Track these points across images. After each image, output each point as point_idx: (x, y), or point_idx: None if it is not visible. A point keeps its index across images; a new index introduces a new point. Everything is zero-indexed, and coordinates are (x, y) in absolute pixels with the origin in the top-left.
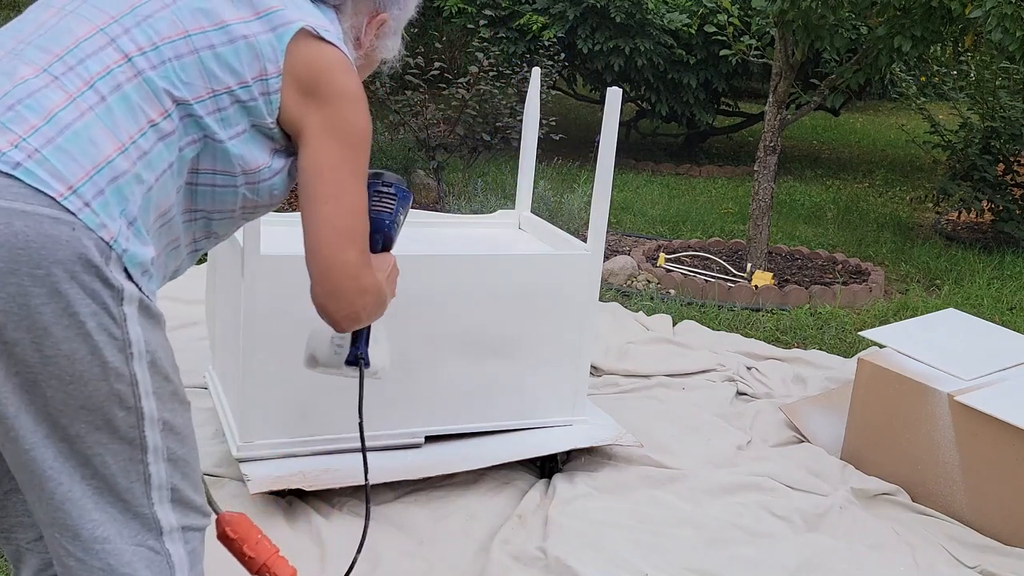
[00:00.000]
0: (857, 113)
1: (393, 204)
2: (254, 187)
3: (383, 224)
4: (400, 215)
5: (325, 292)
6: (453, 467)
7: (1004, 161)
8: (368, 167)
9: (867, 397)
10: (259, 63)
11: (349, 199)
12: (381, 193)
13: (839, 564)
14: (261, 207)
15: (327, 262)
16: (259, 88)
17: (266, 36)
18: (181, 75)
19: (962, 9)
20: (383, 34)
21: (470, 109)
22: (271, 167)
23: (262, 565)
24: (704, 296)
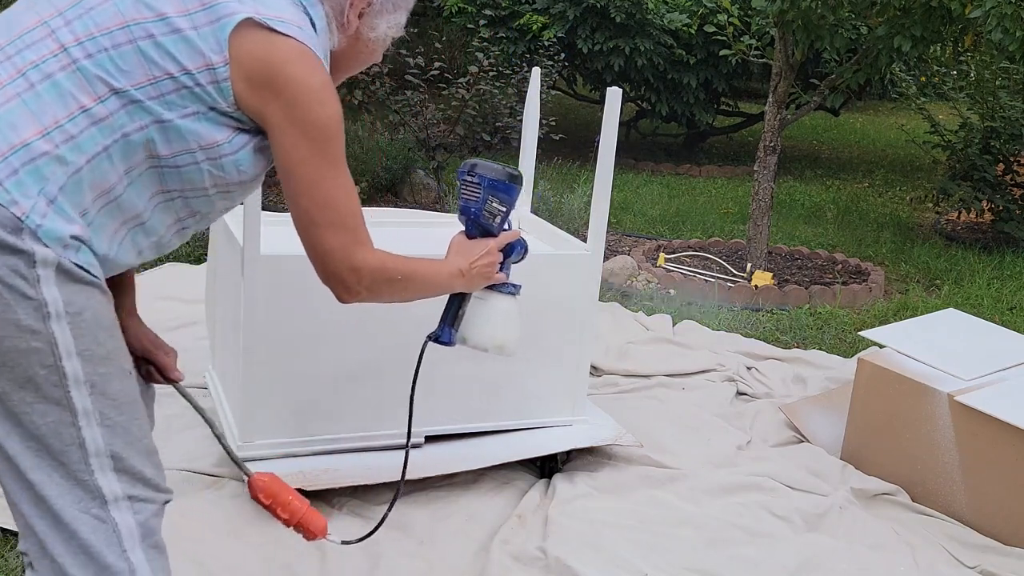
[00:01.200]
0: (857, 113)
1: (478, 193)
2: (216, 162)
3: (469, 211)
4: (492, 203)
5: (321, 275)
6: (453, 467)
7: (1004, 161)
8: (343, 151)
9: (867, 397)
10: (201, 55)
11: (322, 191)
12: (467, 182)
13: (839, 564)
14: (234, 184)
15: (313, 252)
16: (206, 77)
17: (208, 28)
18: (119, 63)
19: (962, 9)
20: (370, 13)
21: (470, 109)
22: (231, 142)
23: (296, 523)
24: (704, 296)
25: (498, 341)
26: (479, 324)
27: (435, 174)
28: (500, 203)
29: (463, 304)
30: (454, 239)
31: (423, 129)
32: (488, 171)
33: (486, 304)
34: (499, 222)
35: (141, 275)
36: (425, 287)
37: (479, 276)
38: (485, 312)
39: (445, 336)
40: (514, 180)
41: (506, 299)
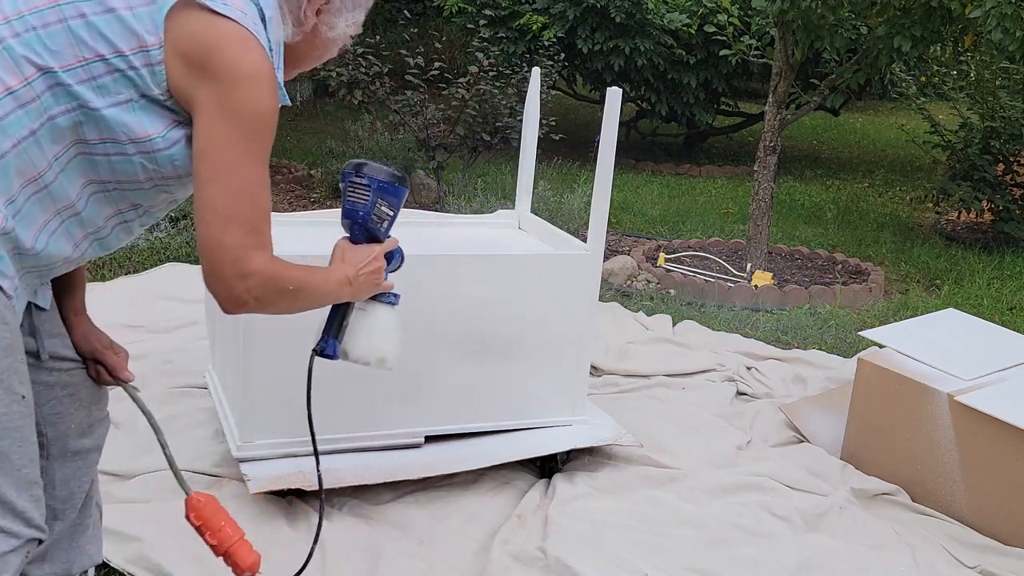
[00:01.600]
0: (857, 113)
1: (367, 196)
2: (150, 156)
3: (357, 215)
4: (380, 206)
5: (206, 273)
6: (453, 467)
7: (1004, 161)
8: (269, 148)
9: (867, 397)
10: (135, 35)
11: (237, 180)
12: (355, 184)
13: (839, 564)
14: (171, 179)
15: (206, 243)
16: (139, 59)
17: (145, 8)
18: (47, 43)
19: (962, 9)
20: (328, 10)
21: (470, 109)
22: (165, 137)
23: (224, 552)
24: (704, 296)
25: (380, 354)
26: (361, 336)
27: (435, 174)
28: (389, 207)
29: (347, 315)
30: (338, 244)
31: (423, 129)
32: (378, 172)
33: (368, 315)
34: (386, 227)
35: (141, 275)
36: (315, 297)
37: (367, 284)
38: (367, 323)
39: (330, 349)
40: (403, 183)
41: (388, 309)
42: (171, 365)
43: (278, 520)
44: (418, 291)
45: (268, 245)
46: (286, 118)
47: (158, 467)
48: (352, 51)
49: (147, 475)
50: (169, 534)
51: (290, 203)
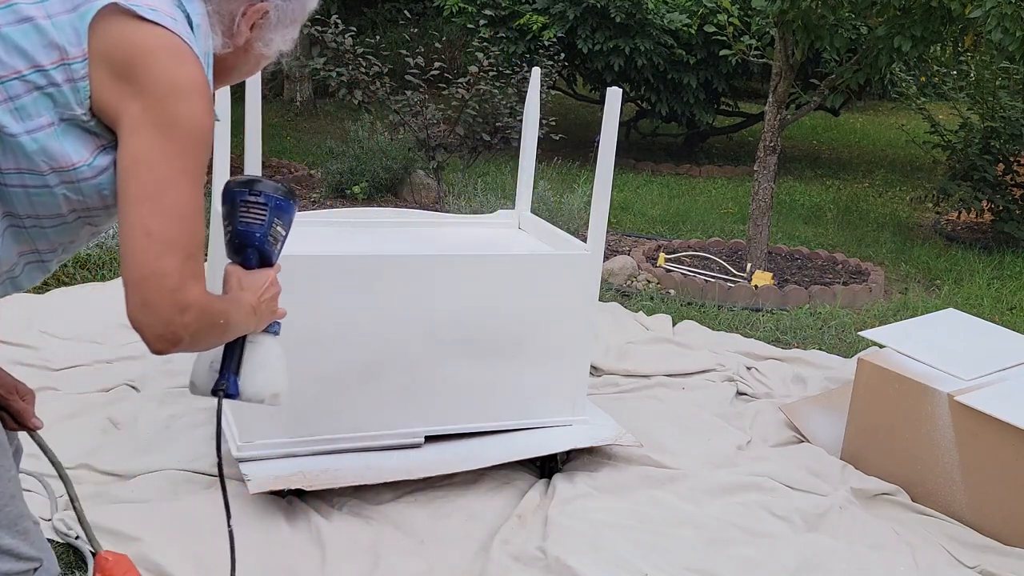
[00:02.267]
0: (857, 113)
1: (264, 215)
2: (74, 186)
3: (253, 237)
4: (276, 226)
5: (136, 305)
6: (453, 467)
7: (1004, 161)
8: (204, 166)
9: (867, 397)
10: (55, 47)
11: (172, 200)
12: (248, 203)
13: (839, 564)
14: (96, 209)
15: (139, 271)
16: (60, 74)
17: (66, 16)
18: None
19: (962, 9)
20: (264, 26)
21: (470, 109)
22: (91, 165)
23: None
24: (704, 296)
25: (275, 388)
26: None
27: (435, 174)
28: (283, 227)
29: (244, 348)
30: (229, 271)
31: (423, 129)
32: (273, 189)
33: (259, 347)
34: (279, 249)
35: None
36: (235, 330)
37: (267, 312)
38: (260, 357)
39: (233, 387)
40: (294, 198)
41: (273, 339)
42: (171, 365)
43: (278, 520)
44: (418, 291)
45: (202, 275)
46: (286, 118)
47: (158, 467)
48: (352, 51)
49: (147, 475)
50: (169, 534)
51: None
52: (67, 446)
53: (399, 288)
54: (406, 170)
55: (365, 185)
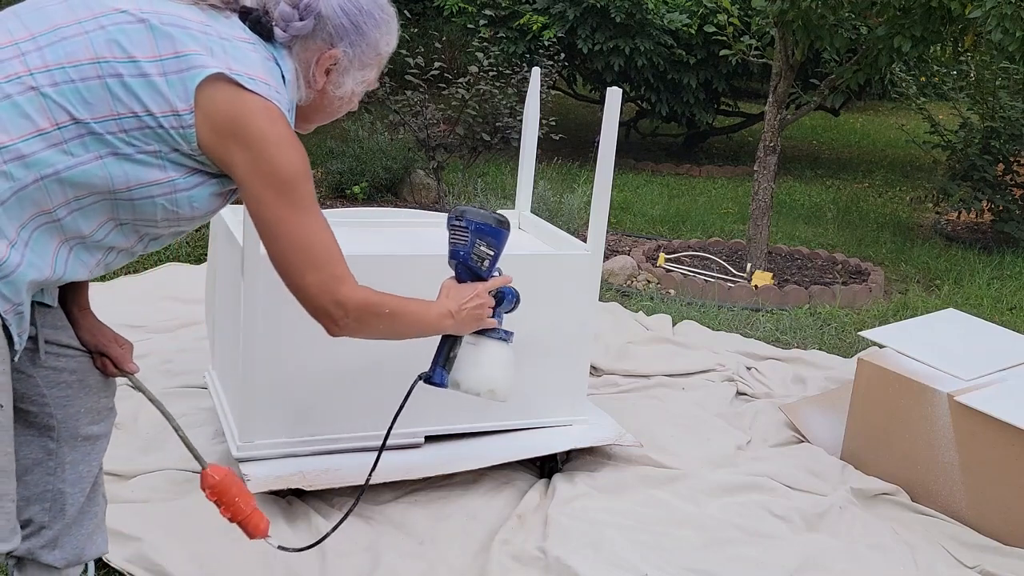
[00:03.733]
0: (857, 113)
1: (466, 236)
2: (170, 197)
3: (458, 255)
4: (479, 246)
5: (309, 312)
6: (453, 467)
7: (1004, 161)
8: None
9: (867, 397)
10: (166, 101)
11: (293, 233)
12: (455, 227)
13: (839, 564)
14: (184, 219)
15: (296, 291)
16: (169, 122)
17: (176, 76)
18: (84, 95)
19: (962, 9)
20: (337, 71)
21: (470, 109)
22: (187, 179)
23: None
24: (704, 296)
25: (490, 386)
26: (470, 368)
27: (435, 174)
28: (488, 247)
29: (455, 346)
30: (445, 283)
31: (423, 129)
32: (476, 216)
33: (477, 348)
34: (488, 266)
35: (142, 275)
36: (413, 324)
37: (469, 319)
38: (476, 356)
39: (437, 377)
40: (501, 225)
41: (498, 344)
42: (171, 365)
43: (278, 520)
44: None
45: (347, 276)
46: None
47: (158, 467)
48: None
49: (147, 475)
50: (169, 534)
51: None
52: None
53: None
54: (406, 170)
55: (365, 185)
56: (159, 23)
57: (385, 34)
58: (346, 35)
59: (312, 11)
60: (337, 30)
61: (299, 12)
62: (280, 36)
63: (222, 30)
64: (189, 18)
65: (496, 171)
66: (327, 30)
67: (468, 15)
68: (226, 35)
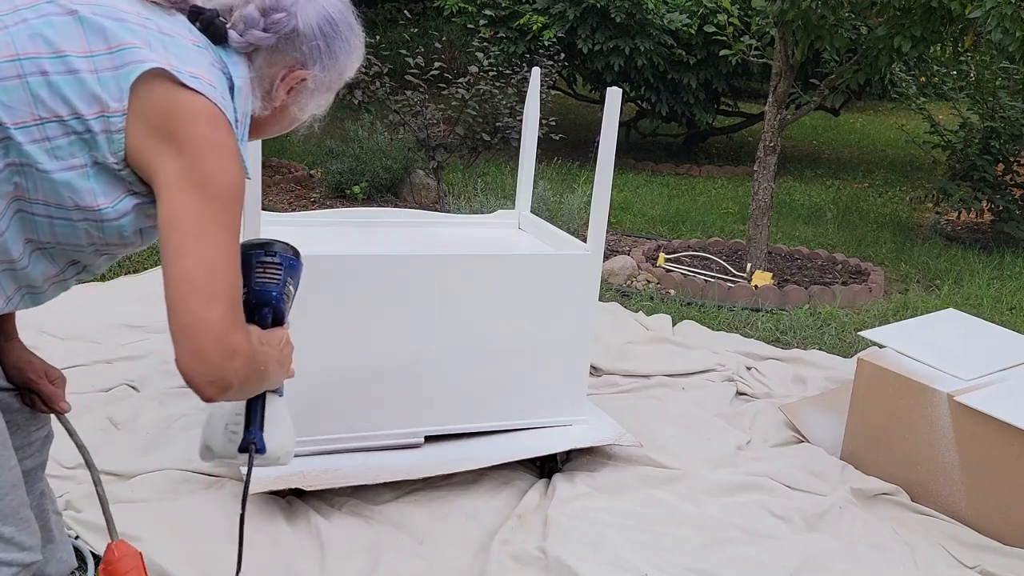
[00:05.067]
0: (857, 113)
1: (279, 275)
2: (97, 225)
3: (270, 296)
4: (289, 286)
5: (186, 353)
6: (453, 467)
7: (1004, 161)
8: (239, 221)
9: (867, 397)
10: (97, 100)
11: (211, 252)
12: (265, 264)
13: (839, 564)
14: (115, 245)
15: (186, 320)
16: (98, 124)
17: (110, 73)
18: (2, 98)
19: (962, 9)
20: (301, 91)
21: (470, 109)
22: (115, 207)
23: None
24: (704, 296)
25: (288, 447)
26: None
27: (435, 174)
28: (294, 285)
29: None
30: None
31: (423, 129)
32: (285, 250)
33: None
34: (289, 307)
35: (142, 275)
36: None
37: (283, 370)
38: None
39: (261, 443)
40: (300, 257)
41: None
42: (171, 365)
43: (278, 520)
44: (418, 291)
45: (244, 324)
46: None
47: (158, 467)
48: None
49: (147, 475)
50: (169, 534)
51: (290, 203)
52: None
53: (399, 288)
54: (406, 170)
55: (365, 185)
56: (91, 14)
57: (354, 61)
58: (320, 58)
59: (282, 28)
60: (312, 51)
61: (265, 22)
62: (235, 40)
63: (164, 25)
64: (126, 10)
65: (496, 171)
66: (301, 49)
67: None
68: (168, 31)
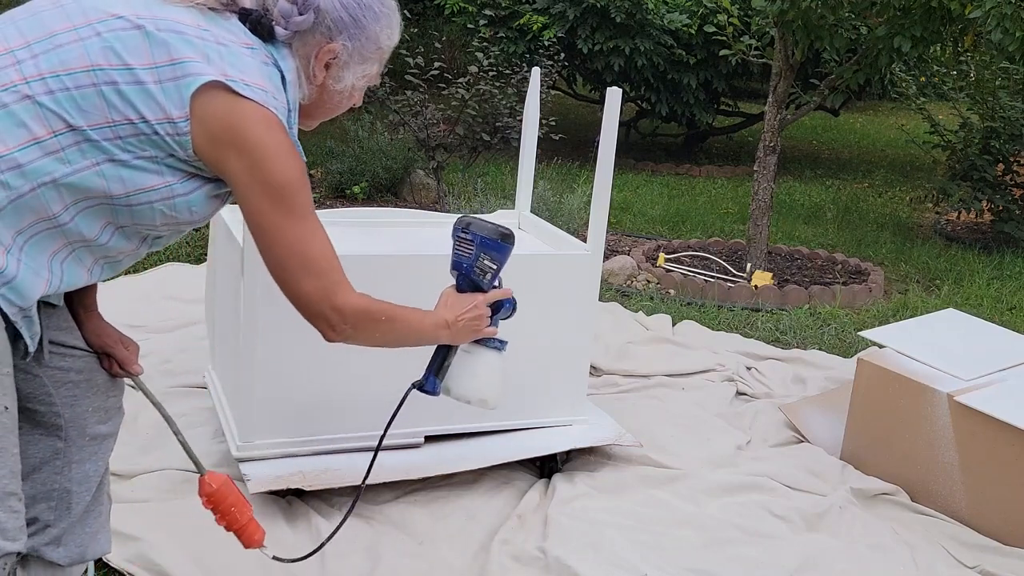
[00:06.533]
0: (857, 113)
1: (471, 249)
2: (169, 202)
3: (461, 267)
4: (483, 260)
5: (307, 317)
6: (453, 467)
7: (1004, 161)
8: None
9: (867, 397)
10: (160, 107)
11: (290, 240)
12: (461, 239)
13: (839, 564)
14: (184, 222)
15: (291, 297)
16: (165, 128)
17: (172, 83)
18: (80, 103)
19: (962, 9)
20: (337, 65)
21: (470, 109)
22: (184, 184)
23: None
24: (704, 296)
25: (481, 394)
26: (463, 376)
27: (435, 174)
28: (492, 260)
29: (449, 355)
30: (444, 292)
31: (423, 129)
32: (482, 230)
33: (472, 357)
34: (490, 279)
35: (142, 275)
36: (410, 333)
37: (466, 330)
38: (470, 365)
39: (430, 385)
40: (507, 240)
41: (492, 353)
42: (171, 365)
43: (278, 520)
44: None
45: (344, 283)
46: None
47: (158, 467)
48: None
49: (147, 475)
50: (169, 534)
51: None
52: None
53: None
54: (406, 170)
55: (365, 185)
56: (155, 29)
57: (385, 27)
58: (345, 28)
59: (311, 5)
60: (336, 23)
61: (298, 7)
62: (281, 34)
63: (220, 34)
64: (186, 22)
65: (496, 171)
66: (326, 23)
67: (468, 15)
68: (224, 40)
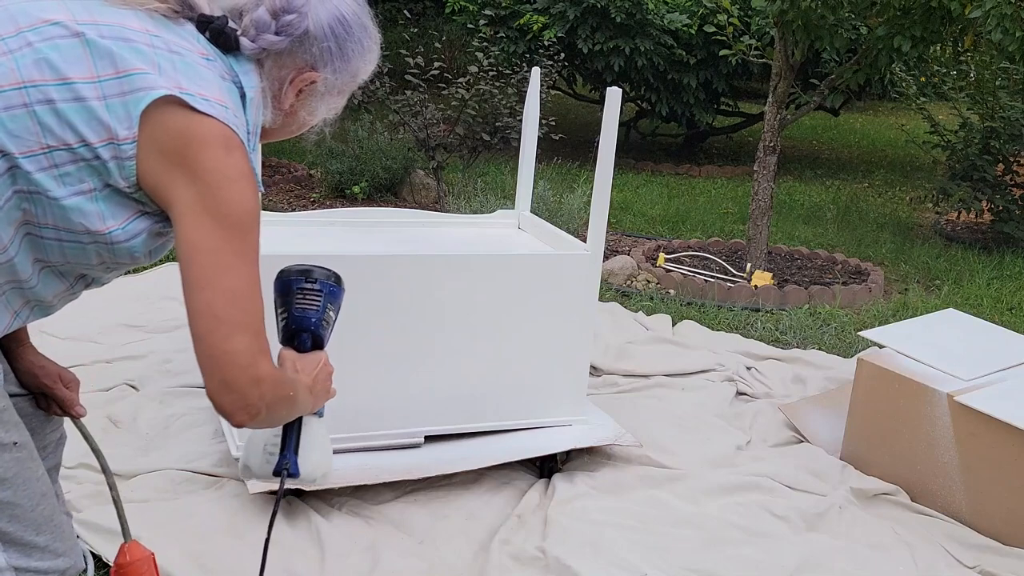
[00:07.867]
0: (857, 113)
1: (319, 301)
2: (108, 247)
3: (309, 322)
4: (329, 312)
5: (215, 384)
6: (453, 467)
7: (1004, 161)
8: (257, 247)
9: (867, 397)
10: (105, 128)
11: (231, 282)
12: (305, 291)
13: (839, 564)
14: (125, 264)
15: (211, 352)
16: (107, 152)
17: (118, 99)
18: (9, 126)
19: (962, 9)
20: (310, 93)
21: (470, 109)
22: (125, 229)
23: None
24: (704, 296)
25: (324, 468)
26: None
27: (435, 174)
28: (334, 311)
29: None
30: (285, 354)
31: (423, 129)
32: (326, 277)
33: (311, 428)
34: (329, 333)
35: (142, 275)
36: (299, 406)
37: (322, 393)
38: (312, 437)
39: (294, 467)
40: (342, 284)
41: (320, 421)
42: (171, 365)
43: (278, 520)
44: (418, 291)
45: (268, 350)
46: None
47: (158, 467)
48: None
49: (147, 475)
50: (169, 534)
51: (290, 203)
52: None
53: (398, 288)
54: (406, 170)
55: (365, 185)
56: (97, 36)
57: (367, 63)
58: (331, 61)
59: (294, 30)
60: (323, 53)
61: (277, 24)
62: (247, 47)
63: (173, 41)
64: (133, 27)
65: (496, 171)
66: (311, 51)
67: (468, 14)
68: (177, 47)
